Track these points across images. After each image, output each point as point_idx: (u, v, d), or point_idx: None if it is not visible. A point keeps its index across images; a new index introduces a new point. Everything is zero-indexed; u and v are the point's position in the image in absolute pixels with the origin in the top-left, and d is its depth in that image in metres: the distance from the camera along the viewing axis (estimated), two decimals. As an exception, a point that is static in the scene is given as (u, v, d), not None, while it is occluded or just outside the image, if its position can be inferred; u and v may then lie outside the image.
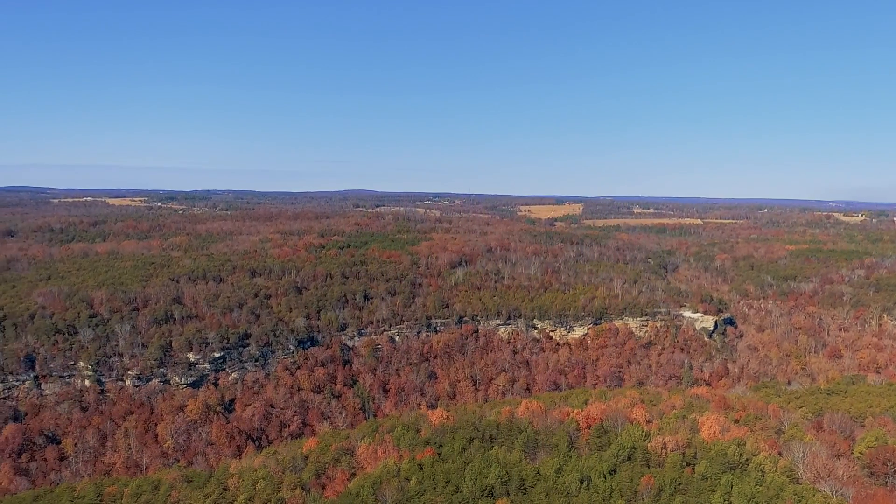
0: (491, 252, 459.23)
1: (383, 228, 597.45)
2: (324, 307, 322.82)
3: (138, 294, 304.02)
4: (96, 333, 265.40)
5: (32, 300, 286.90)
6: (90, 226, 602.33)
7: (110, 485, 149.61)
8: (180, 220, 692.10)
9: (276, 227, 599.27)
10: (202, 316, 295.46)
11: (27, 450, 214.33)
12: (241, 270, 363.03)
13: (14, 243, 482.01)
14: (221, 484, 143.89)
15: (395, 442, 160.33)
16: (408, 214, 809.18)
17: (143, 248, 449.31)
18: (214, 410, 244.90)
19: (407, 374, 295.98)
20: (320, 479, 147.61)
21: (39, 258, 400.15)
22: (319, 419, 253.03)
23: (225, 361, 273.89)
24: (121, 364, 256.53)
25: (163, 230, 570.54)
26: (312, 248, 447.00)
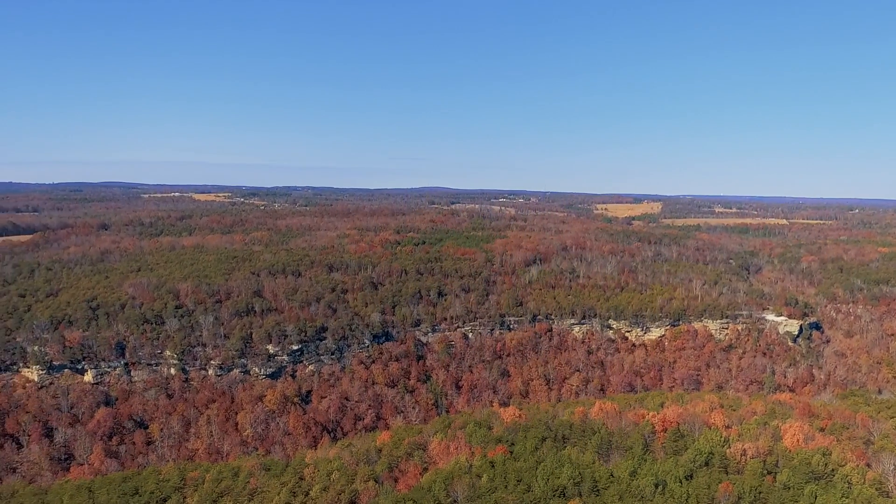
0: (566, 250, 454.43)
1: (458, 226, 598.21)
2: (399, 303, 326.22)
3: (221, 287, 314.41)
4: (181, 324, 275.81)
5: (123, 291, 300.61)
6: (177, 220, 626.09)
7: (193, 469, 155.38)
8: (262, 215, 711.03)
9: (354, 223, 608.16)
10: (281, 309, 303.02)
11: (117, 433, 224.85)
12: (319, 265, 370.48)
13: (108, 236, 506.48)
14: (298, 473, 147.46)
15: (467, 438, 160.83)
16: (483, 212, 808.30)
17: (226, 242, 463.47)
18: (292, 401, 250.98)
19: (480, 371, 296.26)
20: (393, 473, 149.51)
21: (130, 251, 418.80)
22: (393, 413, 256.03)
23: (302, 354, 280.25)
24: (204, 354, 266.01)
25: (245, 225, 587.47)
26: (388, 245, 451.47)
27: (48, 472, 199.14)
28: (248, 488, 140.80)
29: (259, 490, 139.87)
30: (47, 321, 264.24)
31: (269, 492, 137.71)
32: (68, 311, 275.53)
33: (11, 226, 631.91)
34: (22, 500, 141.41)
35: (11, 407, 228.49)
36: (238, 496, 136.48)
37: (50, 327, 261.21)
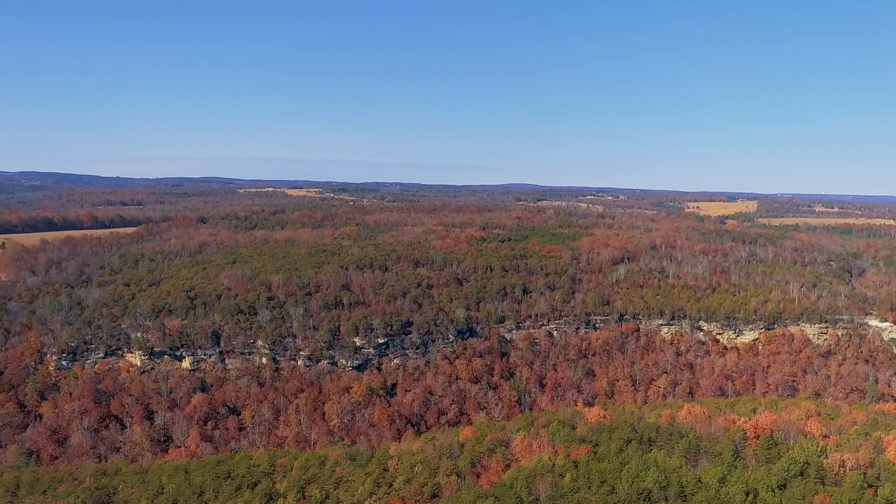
0: (655, 249, 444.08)
1: (544, 223, 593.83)
2: (483, 299, 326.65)
3: (311, 279, 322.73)
4: (273, 315, 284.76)
5: (220, 282, 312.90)
6: (270, 214, 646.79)
7: (282, 456, 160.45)
8: (351, 210, 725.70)
9: (440, 218, 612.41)
10: (368, 303, 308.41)
11: (212, 418, 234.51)
12: (406, 260, 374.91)
13: (205, 229, 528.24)
14: (382, 464, 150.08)
15: (550, 437, 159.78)
16: (570, 209, 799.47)
17: (316, 236, 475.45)
18: (377, 394, 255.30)
19: (564, 369, 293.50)
20: (475, 468, 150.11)
21: (226, 243, 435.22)
22: (476, 409, 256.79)
23: (388, 347, 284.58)
24: (294, 345, 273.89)
25: (335, 220, 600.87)
26: (474, 241, 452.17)
27: (148, 453, 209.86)
28: (334, 477, 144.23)
29: (344, 479, 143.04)
30: (149, 309, 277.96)
31: (354, 481, 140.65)
32: (168, 300, 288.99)
33: (119, 218, 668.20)
34: (124, 478, 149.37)
35: (116, 390, 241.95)
36: (324, 484, 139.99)
37: (152, 315, 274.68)
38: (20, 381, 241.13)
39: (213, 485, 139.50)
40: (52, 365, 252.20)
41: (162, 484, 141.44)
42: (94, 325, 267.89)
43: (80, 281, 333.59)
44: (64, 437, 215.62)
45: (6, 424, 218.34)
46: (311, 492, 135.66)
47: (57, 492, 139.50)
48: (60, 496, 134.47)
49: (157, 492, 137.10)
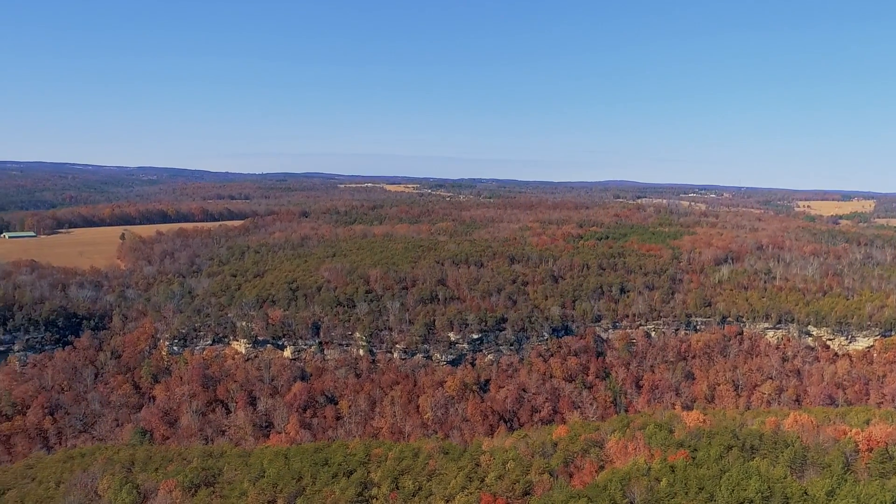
0: (761, 250, 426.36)
1: (644, 220, 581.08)
2: (579, 297, 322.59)
3: (408, 274, 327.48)
4: (370, 308, 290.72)
5: (320, 274, 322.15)
6: (369, 209, 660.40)
7: (377, 447, 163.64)
8: (447, 206, 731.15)
9: (536, 215, 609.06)
10: (463, 298, 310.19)
11: (311, 406, 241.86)
12: (501, 257, 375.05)
13: (307, 223, 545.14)
14: (474, 459, 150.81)
15: (646, 440, 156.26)
16: (671, 207, 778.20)
17: (413, 231, 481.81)
18: (471, 389, 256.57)
19: (662, 371, 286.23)
20: (568, 468, 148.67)
21: (327, 237, 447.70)
22: (570, 408, 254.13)
23: (482, 343, 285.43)
24: (390, 337, 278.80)
25: (431, 216, 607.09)
26: (570, 238, 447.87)
27: (251, 437, 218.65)
28: (427, 469, 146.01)
29: (437, 472, 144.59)
30: (254, 300, 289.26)
31: (447, 474, 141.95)
32: (272, 291, 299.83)
33: (227, 212, 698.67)
34: (229, 460, 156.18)
35: (222, 375, 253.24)
36: (418, 476, 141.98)
37: (256, 305, 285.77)
38: (136, 365, 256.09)
39: (311, 471, 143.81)
40: (164, 350, 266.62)
41: (263, 468, 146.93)
42: (203, 314, 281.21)
43: (191, 271, 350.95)
44: (174, 418, 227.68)
45: (123, 404, 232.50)
46: (404, 483, 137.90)
47: (167, 470, 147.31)
48: (170, 475, 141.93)
49: (259, 475, 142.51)
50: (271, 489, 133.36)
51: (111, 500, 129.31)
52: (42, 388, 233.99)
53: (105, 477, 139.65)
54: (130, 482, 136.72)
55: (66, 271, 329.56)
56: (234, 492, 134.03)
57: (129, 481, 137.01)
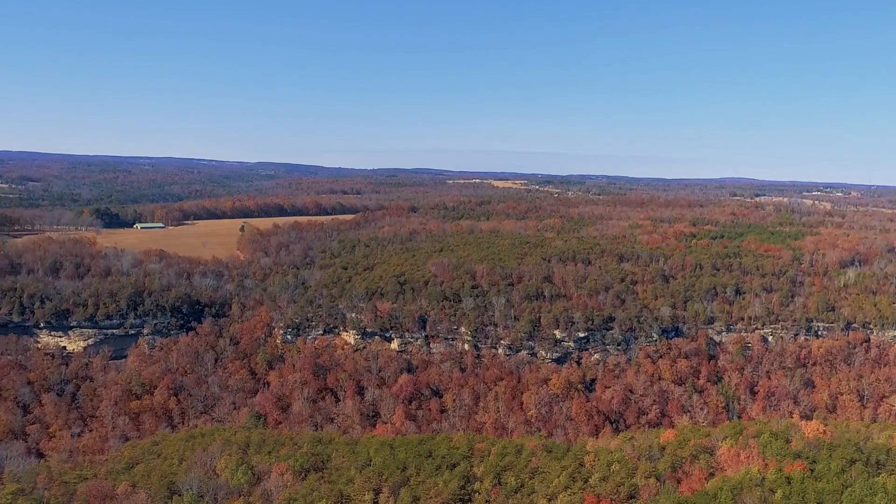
0: (893, 252, 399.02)
1: (762, 220, 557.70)
2: (691, 298, 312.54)
3: (514, 270, 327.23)
4: (476, 303, 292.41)
5: (427, 269, 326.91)
6: (477, 205, 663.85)
7: (480, 441, 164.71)
8: (555, 202, 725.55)
9: (647, 213, 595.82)
10: (570, 296, 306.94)
11: (416, 398, 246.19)
12: (610, 255, 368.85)
13: (416, 218, 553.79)
14: (578, 459, 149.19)
15: (760, 449, 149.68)
16: (792, 206, 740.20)
17: (520, 227, 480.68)
18: (576, 388, 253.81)
19: (779, 378, 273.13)
20: (676, 473, 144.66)
21: (434, 232, 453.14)
22: (679, 412, 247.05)
23: (588, 342, 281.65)
24: (495, 333, 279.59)
25: (539, 212, 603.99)
26: (683, 237, 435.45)
27: (358, 426, 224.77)
28: (530, 467, 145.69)
29: (540, 470, 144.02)
30: (363, 292, 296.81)
31: (550, 473, 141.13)
32: (381, 284, 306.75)
33: (339, 206, 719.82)
34: (337, 447, 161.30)
35: (332, 365, 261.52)
36: (520, 473, 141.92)
37: (365, 298, 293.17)
38: (252, 351, 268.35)
39: (416, 462, 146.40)
40: (279, 338, 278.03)
41: (370, 456, 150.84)
42: (315, 304, 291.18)
43: (305, 263, 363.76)
44: (287, 404, 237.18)
45: (240, 389, 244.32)
46: (506, 479, 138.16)
47: (280, 454, 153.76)
48: (282, 458, 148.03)
49: (365, 463, 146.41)
50: (377, 478, 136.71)
51: (228, 480, 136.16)
52: (168, 371, 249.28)
53: (223, 457, 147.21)
54: (246, 463, 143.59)
55: (191, 261, 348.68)
56: (341, 478, 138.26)
57: (244, 462, 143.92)
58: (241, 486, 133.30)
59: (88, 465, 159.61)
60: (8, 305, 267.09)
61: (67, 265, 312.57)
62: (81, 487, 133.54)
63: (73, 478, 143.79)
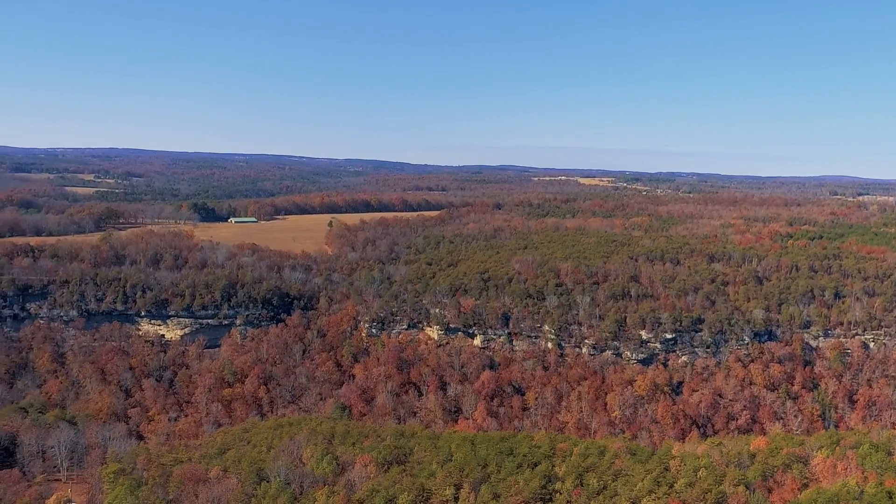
0: None
1: (865, 220, 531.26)
2: (786, 301, 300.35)
3: (599, 269, 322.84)
4: (560, 301, 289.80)
5: (511, 266, 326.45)
6: (562, 203, 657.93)
7: (562, 441, 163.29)
8: (643, 200, 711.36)
9: (740, 212, 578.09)
10: (657, 296, 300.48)
11: (498, 395, 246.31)
12: (700, 254, 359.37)
13: (500, 215, 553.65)
14: (663, 463, 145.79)
15: (859, 460, 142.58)
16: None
17: (606, 225, 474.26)
18: (662, 390, 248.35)
19: (881, 386, 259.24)
20: (767, 482, 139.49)
21: (519, 229, 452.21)
22: (771, 418, 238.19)
23: (676, 343, 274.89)
24: (579, 332, 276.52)
25: (626, 210, 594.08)
26: (778, 237, 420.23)
27: (440, 421, 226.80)
28: (613, 469, 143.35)
29: (623, 472, 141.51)
30: (447, 288, 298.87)
31: (633, 476, 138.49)
32: (464, 280, 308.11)
33: (424, 202, 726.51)
34: (419, 441, 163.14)
35: (416, 359, 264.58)
36: (602, 474, 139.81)
37: (449, 293, 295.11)
38: (339, 344, 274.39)
39: (497, 459, 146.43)
40: (364, 332, 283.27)
41: (451, 451, 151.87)
42: (399, 299, 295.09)
43: (390, 258, 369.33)
44: (371, 396, 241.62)
45: (326, 380, 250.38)
46: (588, 480, 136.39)
47: (364, 445, 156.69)
48: (366, 450, 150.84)
49: (447, 458, 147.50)
50: (458, 473, 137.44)
51: (313, 469, 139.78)
52: (258, 360, 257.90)
53: (309, 446, 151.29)
54: (331, 453, 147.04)
55: (281, 254, 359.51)
56: (423, 472, 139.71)
57: (329, 452, 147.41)
58: (325, 476, 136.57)
59: (183, 449, 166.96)
60: (112, 294, 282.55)
61: (167, 257, 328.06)
62: (177, 470, 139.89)
63: (170, 460, 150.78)
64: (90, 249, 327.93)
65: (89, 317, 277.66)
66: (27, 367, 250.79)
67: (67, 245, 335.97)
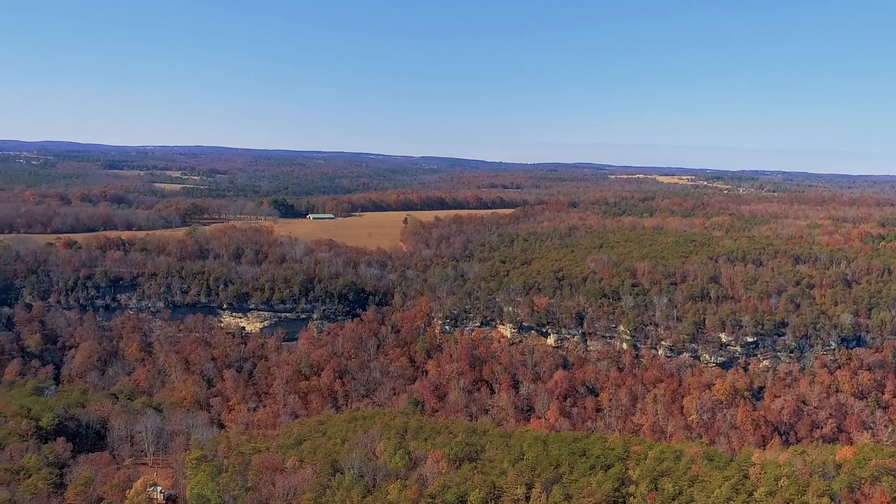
0: None
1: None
2: (876, 305, 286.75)
3: (677, 269, 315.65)
4: (636, 302, 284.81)
5: (586, 265, 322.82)
6: (640, 201, 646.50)
7: (637, 444, 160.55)
8: (724, 199, 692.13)
9: (828, 212, 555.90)
10: (738, 298, 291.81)
11: (571, 395, 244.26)
12: (784, 256, 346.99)
13: (576, 213, 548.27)
14: (742, 470, 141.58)
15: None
16: None
17: (685, 225, 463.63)
18: (742, 395, 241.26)
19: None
20: (853, 494, 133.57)
21: (594, 228, 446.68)
22: (859, 428, 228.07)
23: (757, 347, 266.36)
24: (655, 333, 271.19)
25: (706, 209, 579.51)
26: (869, 239, 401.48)
27: (512, 419, 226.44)
28: (689, 474, 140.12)
29: (699, 478, 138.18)
30: (521, 286, 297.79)
31: (710, 482, 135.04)
32: (538, 279, 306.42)
33: (499, 200, 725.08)
34: (490, 439, 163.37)
35: (488, 357, 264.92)
36: (678, 479, 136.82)
37: (522, 292, 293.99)
38: (412, 340, 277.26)
39: (569, 460, 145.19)
40: (437, 328, 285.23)
41: (523, 450, 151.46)
42: (473, 297, 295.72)
43: (464, 255, 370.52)
44: (443, 393, 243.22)
45: (400, 375, 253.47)
46: (663, 485, 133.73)
47: (436, 441, 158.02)
48: (438, 446, 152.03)
49: (518, 457, 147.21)
50: (529, 472, 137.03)
51: (386, 462, 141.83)
52: (334, 354, 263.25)
53: (382, 440, 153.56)
54: (403, 448, 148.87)
55: (357, 251, 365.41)
56: (494, 470, 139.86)
57: (402, 447, 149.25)
58: (398, 470, 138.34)
59: (262, 439, 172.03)
60: (197, 287, 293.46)
61: (248, 252, 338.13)
62: (255, 458, 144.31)
63: (249, 449, 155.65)
64: (176, 243, 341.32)
65: (175, 308, 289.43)
66: (117, 355, 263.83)
67: (155, 239, 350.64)
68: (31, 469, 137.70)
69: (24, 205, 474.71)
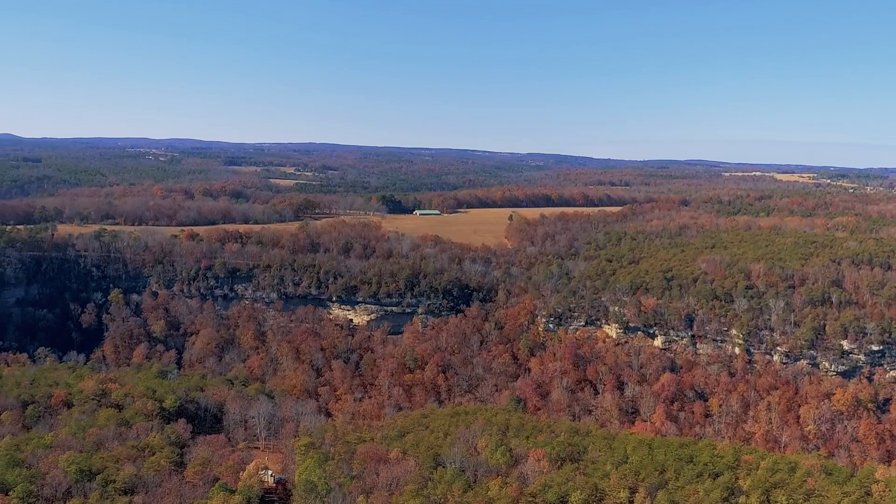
0: None
1: None
2: None
3: (796, 272, 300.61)
4: (750, 305, 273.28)
5: (697, 265, 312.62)
6: (756, 200, 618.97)
7: (748, 453, 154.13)
8: (849, 199, 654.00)
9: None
10: (863, 303, 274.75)
11: (678, 399, 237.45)
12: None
13: (687, 212, 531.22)
14: (864, 487, 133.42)
15: None
16: None
17: (805, 225, 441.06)
18: (865, 406, 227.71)
19: None
20: None
21: (706, 227, 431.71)
22: None
23: (883, 357, 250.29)
24: (771, 339, 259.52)
25: (829, 209, 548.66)
26: None
27: (616, 421, 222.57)
28: (805, 487, 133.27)
29: (816, 493, 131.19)
30: (627, 286, 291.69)
31: (828, 498, 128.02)
32: (646, 279, 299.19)
33: (606, 198, 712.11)
34: (593, 440, 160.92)
35: (592, 357, 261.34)
36: (793, 493, 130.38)
37: (629, 292, 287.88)
38: (515, 337, 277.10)
39: (675, 466, 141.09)
40: (541, 326, 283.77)
41: (627, 454, 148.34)
42: (577, 295, 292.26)
43: (569, 253, 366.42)
44: (546, 391, 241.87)
45: (502, 372, 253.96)
46: (776, 497, 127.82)
47: (537, 440, 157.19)
48: (539, 444, 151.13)
49: (622, 460, 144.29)
50: (633, 476, 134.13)
51: (487, 458, 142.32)
52: (438, 349, 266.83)
53: (484, 436, 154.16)
54: (505, 445, 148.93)
55: (462, 247, 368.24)
56: (596, 472, 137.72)
57: (503, 444, 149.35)
58: (499, 466, 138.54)
59: (367, 429, 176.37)
60: (308, 279, 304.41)
61: (356, 246, 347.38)
62: (360, 448, 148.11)
63: (354, 439, 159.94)
64: (289, 237, 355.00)
65: (287, 299, 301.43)
66: (234, 343, 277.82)
67: (270, 233, 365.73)
68: (154, 447, 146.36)
69: (153, 199, 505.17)
